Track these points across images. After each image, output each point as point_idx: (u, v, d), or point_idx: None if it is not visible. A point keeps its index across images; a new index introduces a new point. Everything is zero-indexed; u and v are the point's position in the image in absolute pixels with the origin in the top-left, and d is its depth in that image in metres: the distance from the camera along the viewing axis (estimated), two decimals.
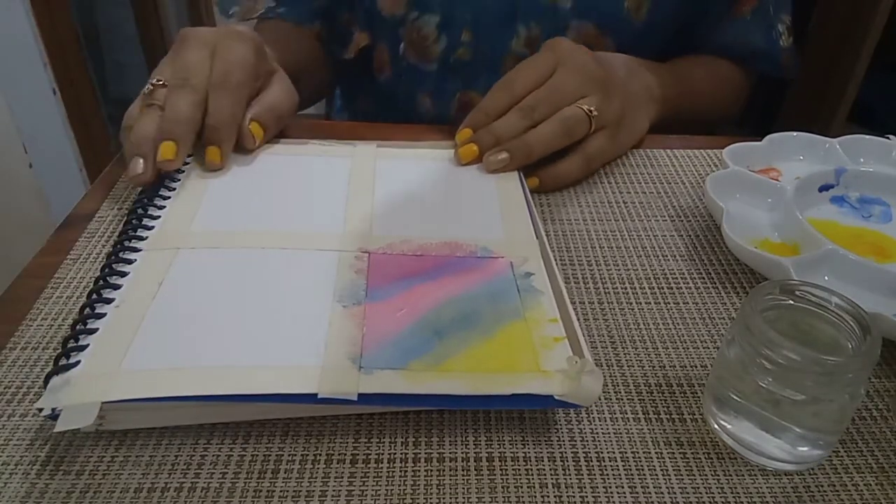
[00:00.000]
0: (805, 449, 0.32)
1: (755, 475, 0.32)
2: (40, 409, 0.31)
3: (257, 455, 0.32)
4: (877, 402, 0.36)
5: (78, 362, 0.33)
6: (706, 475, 0.32)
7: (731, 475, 0.32)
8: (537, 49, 0.55)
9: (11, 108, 1.35)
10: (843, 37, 0.69)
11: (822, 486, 0.32)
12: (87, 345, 0.34)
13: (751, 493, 0.32)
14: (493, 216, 0.45)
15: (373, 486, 0.31)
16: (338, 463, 0.32)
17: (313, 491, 0.31)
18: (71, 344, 0.34)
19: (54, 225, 0.46)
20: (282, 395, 0.32)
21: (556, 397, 0.32)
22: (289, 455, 0.32)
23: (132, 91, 0.49)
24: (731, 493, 0.32)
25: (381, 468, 0.32)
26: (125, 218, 0.43)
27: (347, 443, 0.33)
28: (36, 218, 1.40)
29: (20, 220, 1.34)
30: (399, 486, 0.31)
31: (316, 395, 0.32)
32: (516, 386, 0.33)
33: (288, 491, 0.31)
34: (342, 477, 0.31)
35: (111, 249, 0.40)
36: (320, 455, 0.32)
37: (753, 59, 0.70)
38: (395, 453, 0.33)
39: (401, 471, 0.32)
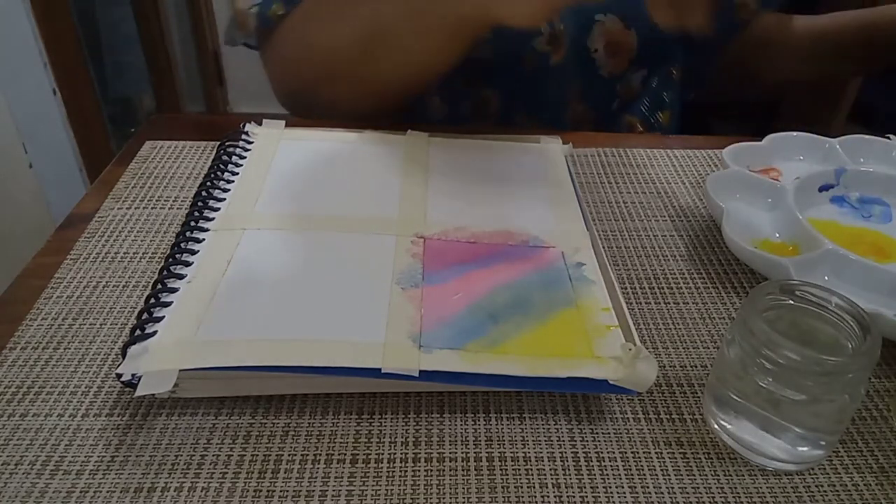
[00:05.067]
0: (805, 449, 0.32)
1: (755, 475, 0.32)
2: (119, 376, 0.32)
3: (257, 455, 0.32)
4: (877, 402, 0.36)
5: (155, 332, 0.34)
6: (706, 475, 0.32)
7: (731, 475, 0.32)
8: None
9: (11, 108, 1.35)
10: None
11: (822, 486, 0.32)
12: (163, 317, 0.35)
13: (751, 493, 0.32)
14: (543, 207, 0.47)
15: (373, 486, 0.31)
16: (338, 463, 0.32)
17: (313, 491, 0.31)
18: (145, 316, 0.35)
19: (54, 225, 0.46)
20: (348, 369, 0.33)
21: (611, 382, 0.33)
22: (289, 455, 0.32)
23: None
24: (731, 493, 0.32)
25: (381, 468, 0.32)
26: (191, 200, 0.45)
27: (347, 443, 0.33)
28: (36, 218, 1.40)
29: (20, 220, 1.34)
30: (399, 486, 0.31)
31: (380, 369, 0.33)
32: (572, 370, 0.34)
33: (288, 491, 0.31)
34: (342, 477, 0.31)
35: (180, 230, 0.42)
36: (320, 455, 0.32)
37: None
38: (395, 453, 0.33)
39: (401, 471, 0.32)
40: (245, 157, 0.50)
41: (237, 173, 0.48)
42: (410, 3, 0.53)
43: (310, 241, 0.42)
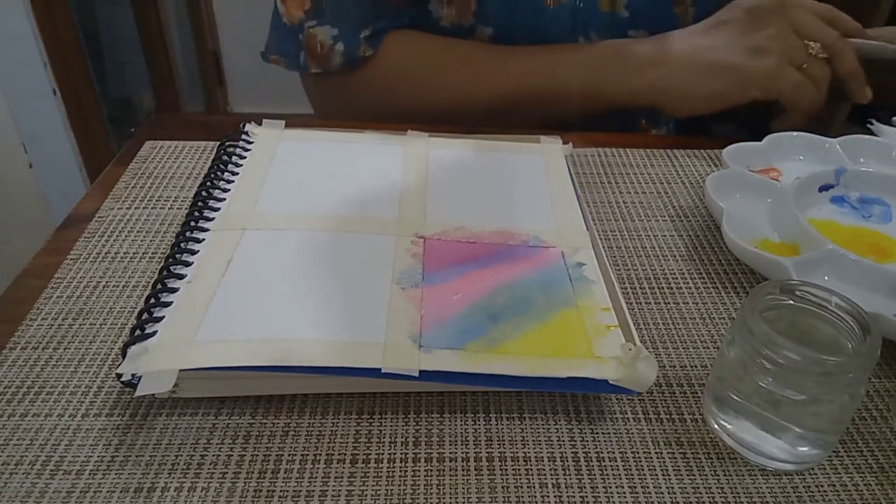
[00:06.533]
0: (805, 449, 0.32)
1: (755, 475, 0.32)
2: (119, 376, 0.32)
3: (257, 455, 0.32)
4: (877, 402, 0.36)
5: (154, 332, 0.34)
6: (706, 475, 0.32)
7: (731, 475, 0.32)
8: None
9: (11, 108, 1.35)
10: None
11: (822, 486, 0.32)
12: (163, 317, 0.35)
13: (751, 493, 0.32)
14: (543, 207, 0.47)
15: (373, 486, 0.31)
16: (338, 463, 0.32)
17: (313, 491, 0.31)
18: (145, 316, 0.35)
19: (54, 225, 0.46)
20: (347, 369, 0.33)
21: (611, 382, 0.33)
22: (289, 455, 0.32)
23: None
24: (731, 493, 0.32)
25: (381, 468, 0.32)
26: (191, 200, 0.45)
27: (347, 443, 0.33)
28: (36, 218, 1.40)
29: (20, 220, 1.34)
30: (399, 486, 0.31)
31: (380, 369, 0.33)
32: (572, 370, 0.34)
33: (288, 491, 0.31)
34: (342, 477, 0.31)
35: (180, 229, 0.42)
36: (320, 455, 0.32)
37: None
38: (395, 453, 0.33)
39: (401, 471, 0.32)
40: (245, 157, 0.50)
41: (237, 173, 0.48)
42: (583, 79, 0.60)
43: (310, 241, 0.42)
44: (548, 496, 0.31)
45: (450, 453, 0.33)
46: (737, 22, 0.58)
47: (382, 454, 0.33)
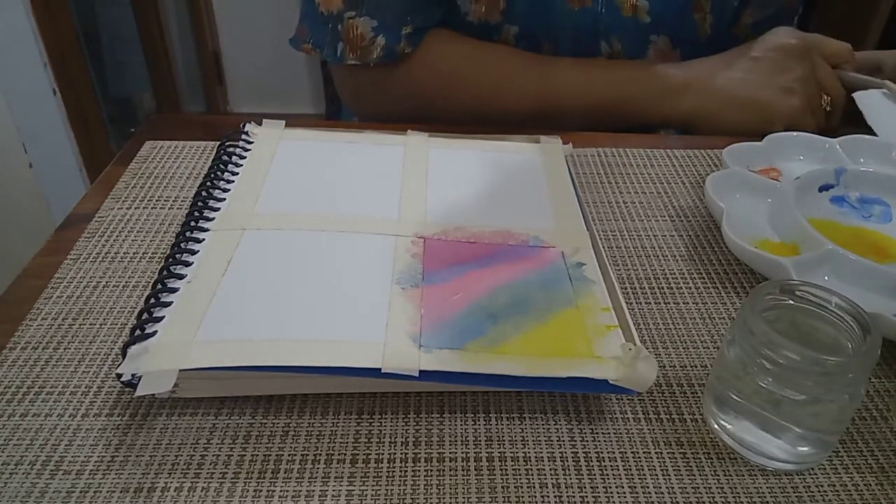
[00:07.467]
0: (805, 449, 0.32)
1: (755, 475, 0.32)
2: (119, 376, 0.33)
3: (257, 455, 0.32)
4: (877, 402, 0.36)
5: (155, 332, 0.34)
6: (706, 475, 0.32)
7: (731, 475, 0.32)
8: None
9: (11, 108, 1.35)
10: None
11: (822, 486, 0.32)
12: (163, 317, 0.35)
13: (751, 493, 0.32)
14: (543, 207, 0.47)
15: (373, 486, 0.31)
16: (338, 463, 0.32)
17: (313, 491, 0.31)
18: (145, 316, 0.35)
19: (54, 225, 0.46)
20: (347, 369, 0.33)
21: (611, 382, 0.33)
22: (289, 455, 0.32)
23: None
24: (731, 493, 0.32)
25: (381, 468, 0.32)
26: (192, 200, 0.45)
27: (347, 443, 0.33)
28: (36, 218, 1.40)
29: (20, 220, 1.34)
30: (399, 486, 0.31)
31: (380, 369, 0.33)
32: (572, 370, 0.34)
33: (288, 491, 0.31)
34: (342, 477, 0.31)
35: (180, 229, 0.42)
36: (320, 455, 0.32)
37: None
38: (395, 453, 0.33)
39: (401, 471, 0.32)
40: (245, 157, 0.50)
41: (237, 173, 0.48)
42: (616, 98, 0.62)
43: (310, 241, 0.42)
44: (548, 496, 0.31)
45: (450, 453, 0.33)
46: (769, 60, 0.61)
47: (382, 454, 0.33)
